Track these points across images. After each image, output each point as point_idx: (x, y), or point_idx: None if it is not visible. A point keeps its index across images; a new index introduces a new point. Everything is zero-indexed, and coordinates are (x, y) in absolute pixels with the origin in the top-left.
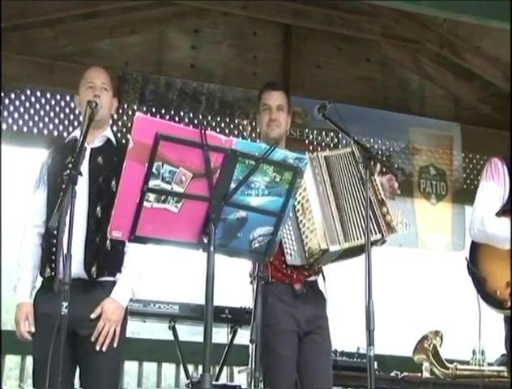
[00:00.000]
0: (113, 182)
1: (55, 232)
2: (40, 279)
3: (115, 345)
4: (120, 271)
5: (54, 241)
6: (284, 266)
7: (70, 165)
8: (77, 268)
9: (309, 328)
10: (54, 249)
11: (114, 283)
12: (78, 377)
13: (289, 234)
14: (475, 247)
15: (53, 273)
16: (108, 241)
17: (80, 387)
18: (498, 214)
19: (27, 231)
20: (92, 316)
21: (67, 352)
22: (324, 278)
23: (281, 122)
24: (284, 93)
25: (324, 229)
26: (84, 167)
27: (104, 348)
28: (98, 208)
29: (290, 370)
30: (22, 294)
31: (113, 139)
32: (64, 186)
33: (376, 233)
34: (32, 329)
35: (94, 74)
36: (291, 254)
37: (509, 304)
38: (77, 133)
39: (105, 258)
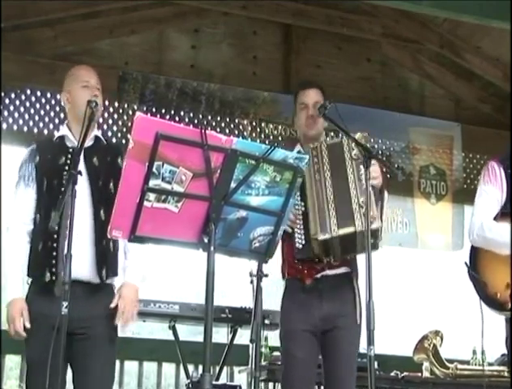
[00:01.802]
0: (111, 185)
1: (55, 236)
2: (28, 279)
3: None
4: (117, 271)
5: (54, 244)
6: (296, 261)
7: (66, 167)
8: (89, 272)
9: (326, 326)
10: (54, 253)
11: (112, 285)
12: (72, 378)
13: (299, 227)
14: (474, 251)
15: (53, 277)
16: (111, 243)
17: None
18: (497, 217)
19: (14, 228)
20: (112, 305)
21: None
22: (355, 272)
23: (319, 119)
24: (320, 90)
25: (317, 218)
26: (81, 167)
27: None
28: (101, 212)
29: (303, 370)
30: (15, 291)
31: (102, 138)
32: (63, 187)
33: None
34: (28, 325)
35: (88, 73)
36: (299, 248)
37: (509, 305)
38: (64, 131)
39: (112, 259)
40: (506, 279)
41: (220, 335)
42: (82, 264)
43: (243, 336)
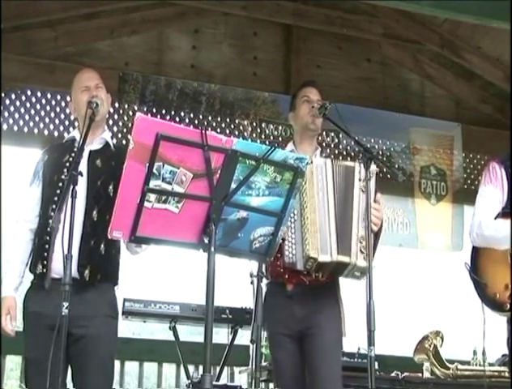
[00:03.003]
0: (111, 187)
1: (49, 229)
2: (30, 277)
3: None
4: (113, 276)
5: (47, 238)
6: (279, 263)
7: (68, 164)
8: (74, 270)
9: (302, 327)
10: (47, 246)
11: (108, 285)
12: (71, 377)
13: (291, 236)
14: (475, 251)
15: (44, 270)
16: (102, 245)
17: (73, 388)
18: (498, 217)
19: (18, 226)
20: None
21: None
22: (337, 282)
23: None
24: (319, 92)
25: (318, 237)
26: (83, 168)
27: None
28: (94, 212)
29: (287, 372)
30: (6, 288)
31: (111, 143)
32: (62, 185)
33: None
34: (14, 324)
35: (86, 76)
36: (289, 257)
37: (508, 306)
38: (75, 133)
39: (99, 261)
40: (505, 279)
41: (221, 335)
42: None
43: (243, 337)
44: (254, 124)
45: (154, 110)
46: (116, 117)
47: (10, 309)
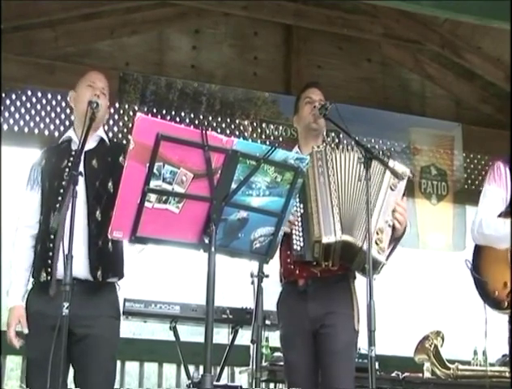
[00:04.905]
0: (110, 184)
1: (52, 236)
2: (31, 280)
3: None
4: (121, 271)
5: (51, 244)
6: (289, 260)
7: (67, 169)
8: (82, 272)
9: (316, 326)
10: (51, 253)
11: (114, 284)
12: (73, 377)
13: (298, 230)
14: (477, 249)
15: (48, 277)
16: (109, 244)
17: (75, 388)
18: (501, 216)
19: (19, 232)
20: None
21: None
22: (351, 273)
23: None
24: (321, 93)
25: (321, 221)
26: (80, 170)
27: None
28: (97, 212)
29: (299, 373)
30: (14, 297)
31: (107, 139)
32: (63, 191)
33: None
34: (26, 331)
35: (96, 76)
36: (297, 250)
37: (506, 304)
38: (70, 133)
39: (109, 260)
40: (505, 277)
41: (221, 335)
42: (77, 263)
43: (244, 337)
44: (255, 124)
45: (154, 110)
46: (116, 117)
47: (21, 318)
